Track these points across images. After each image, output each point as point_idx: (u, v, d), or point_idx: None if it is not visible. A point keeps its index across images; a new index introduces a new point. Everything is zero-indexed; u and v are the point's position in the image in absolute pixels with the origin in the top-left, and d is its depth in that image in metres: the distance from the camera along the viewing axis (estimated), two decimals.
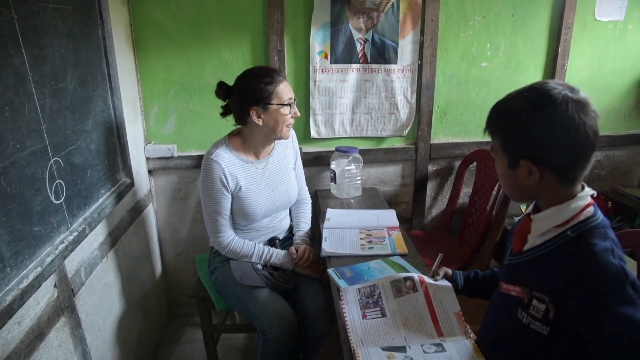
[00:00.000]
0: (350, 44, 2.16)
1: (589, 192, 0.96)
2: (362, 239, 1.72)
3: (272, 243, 1.86)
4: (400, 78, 2.24)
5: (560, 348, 0.96)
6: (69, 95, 1.42)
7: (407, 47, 2.20)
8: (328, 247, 1.67)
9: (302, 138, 2.26)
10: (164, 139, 2.22)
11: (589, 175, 2.56)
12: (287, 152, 1.87)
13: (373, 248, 1.65)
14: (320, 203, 2.14)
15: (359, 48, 2.17)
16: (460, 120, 2.39)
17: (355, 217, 1.93)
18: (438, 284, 1.25)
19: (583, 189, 0.96)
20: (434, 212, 2.57)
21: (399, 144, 2.40)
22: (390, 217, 1.91)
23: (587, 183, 0.97)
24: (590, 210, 0.93)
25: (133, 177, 1.92)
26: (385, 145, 2.38)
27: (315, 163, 2.33)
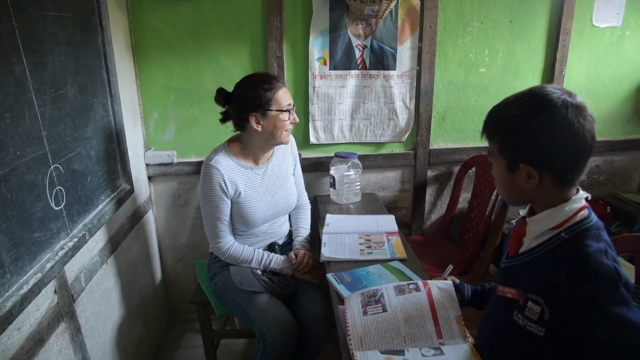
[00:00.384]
0: (349, 51, 2.17)
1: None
2: (361, 244, 1.72)
3: (271, 248, 1.86)
4: (399, 84, 2.25)
5: (556, 349, 0.96)
6: (69, 102, 1.43)
7: (405, 53, 2.21)
8: (327, 252, 1.67)
9: (301, 144, 2.27)
10: (164, 145, 2.23)
11: (588, 180, 2.59)
12: (286, 157, 1.88)
13: (372, 253, 1.65)
14: (320, 208, 2.14)
15: (358, 54, 2.18)
16: (459, 126, 2.40)
17: (355, 222, 1.93)
18: (440, 284, 1.25)
19: (577, 192, 0.97)
20: (433, 217, 2.57)
21: (398, 150, 2.40)
22: (390, 222, 1.91)
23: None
24: (585, 213, 0.94)
25: (133, 183, 1.92)
26: (385, 151, 2.39)
27: (315, 169, 2.34)
